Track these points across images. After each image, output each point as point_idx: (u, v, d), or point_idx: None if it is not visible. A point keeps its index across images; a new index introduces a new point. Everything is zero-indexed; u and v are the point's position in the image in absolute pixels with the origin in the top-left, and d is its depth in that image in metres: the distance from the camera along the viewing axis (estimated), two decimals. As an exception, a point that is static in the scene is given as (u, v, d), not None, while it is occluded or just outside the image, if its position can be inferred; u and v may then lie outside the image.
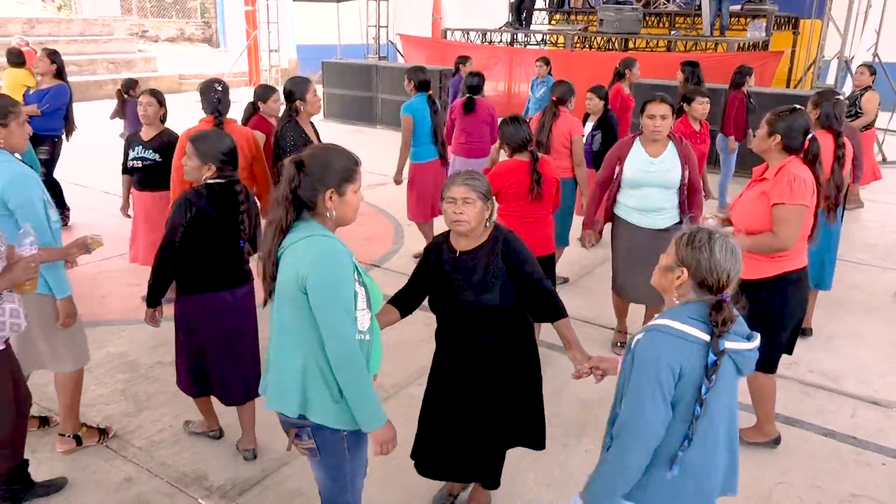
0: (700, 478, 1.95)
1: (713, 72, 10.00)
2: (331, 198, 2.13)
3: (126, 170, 4.93)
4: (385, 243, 6.79)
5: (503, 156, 4.24)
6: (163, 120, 4.82)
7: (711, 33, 13.17)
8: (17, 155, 3.13)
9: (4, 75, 8.48)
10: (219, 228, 3.10)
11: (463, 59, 8.81)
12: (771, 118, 3.25)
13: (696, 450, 1.90)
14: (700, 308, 1.90)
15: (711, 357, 1.83)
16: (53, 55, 6.72)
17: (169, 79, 18.05)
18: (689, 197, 4.18)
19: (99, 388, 4.01)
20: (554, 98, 5.30)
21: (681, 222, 4.09)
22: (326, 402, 2.16)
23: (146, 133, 4.78)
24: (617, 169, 4.21)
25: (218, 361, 3.24)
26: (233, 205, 3.12)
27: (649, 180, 4.13)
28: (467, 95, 6.38)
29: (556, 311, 2.78)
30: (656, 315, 2.05)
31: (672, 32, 14.20)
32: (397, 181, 6.07)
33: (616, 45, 13.64)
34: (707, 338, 1.85)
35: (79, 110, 7.49)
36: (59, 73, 6.73)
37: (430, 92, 5.92)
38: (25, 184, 2.97)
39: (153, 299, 3.18)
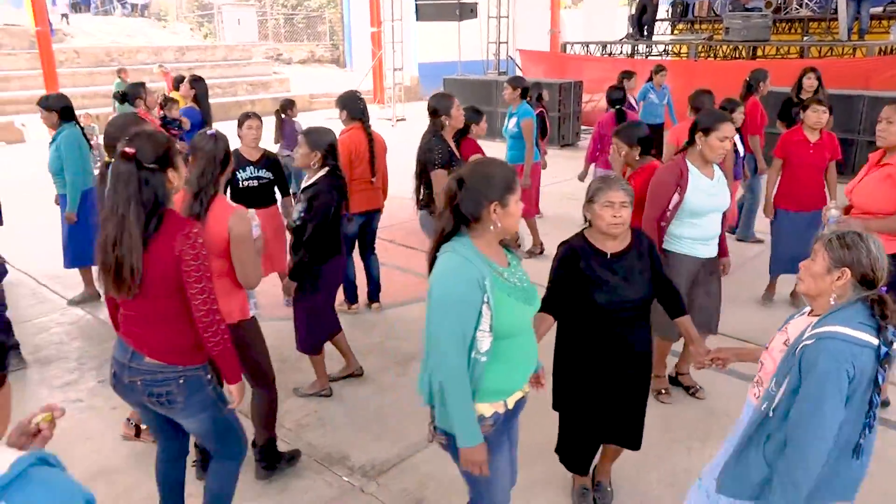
0: (869, 457, 2.11)
1: (851, 78, 9.53)
2: (495, 210, 2.16)
3: (235, 191, 4.97)
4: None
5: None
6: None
7: (849, 37, 12.50)
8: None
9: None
10: (339, 206, 3.83)
11: (628, 74, 8.31)
12: None
13: (872, 435, 2.05)
14: (863, 310, 2.00)
15: (884, 349, 1.94)
16: (194, 82, 7.41)
17: (301, 98, 19.22)
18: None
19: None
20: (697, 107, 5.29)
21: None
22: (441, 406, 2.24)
23: (251, 154, 5.00)
24: (676, 199, 3.65)
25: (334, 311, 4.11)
26: (344, 187, 3.88)
27: (714, 205, 3.73)
28: (617, 108, 6.73)
29: (681, 308, 3.05)
30: (817, 318, 2.09)
31: (805, 38, 13.59)
32: (525, 185, 6.34)
33: (743, 53, 13.23)
34: (876, 341, 1.95)
35: (222, 129, 8.22)
36: (195, 98, 7.40)
37: (529, 98, 6.69)
38: None
39: (298, 273, 3.79)
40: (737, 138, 5.71)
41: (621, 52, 15.13)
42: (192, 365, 2.51)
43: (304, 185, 3.90)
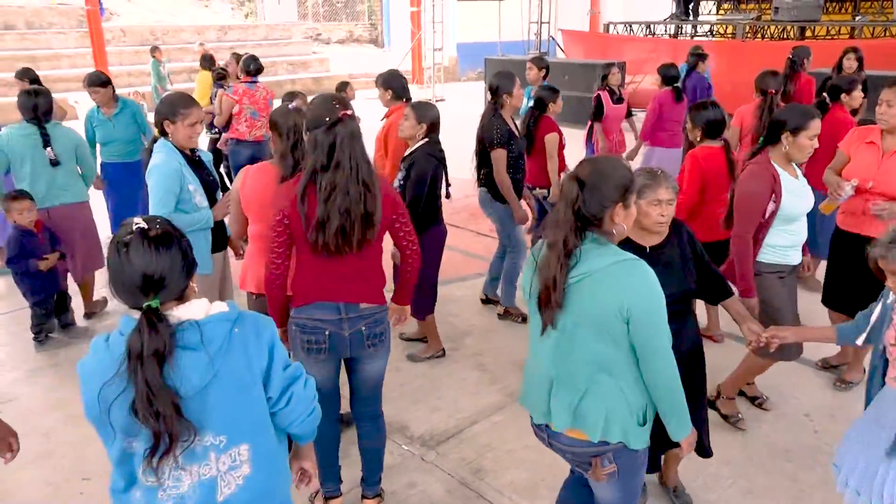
0: None
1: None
2: (618, 212, 2.05)
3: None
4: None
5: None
6: None
7: (904, 17, 12.14)
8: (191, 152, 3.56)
9: (197, 77, 9.48)
10: (437, 175, 4.03)
11: (702, 56, 8.05)
12: None
13: None
14: None
15: None
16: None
17: (339, 78, 19.34)
18: None
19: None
20: (773, 91, 5.13)
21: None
22: (629, 426, 2.11)
23: None
24: (771, 207, 3.28)
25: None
26: (443, 157, 4.06)
27: (806, 206, 3.42)
28: (674, 86, 6.62)
29: (727, 290, 2.94)
30: None
31: (857, 18, 13.22)
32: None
33: (792, 33, 12.94)
34: None
35: None
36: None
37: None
38: (158, 177, 3.35)
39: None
40: None
41: (665, 33, 14.88)
42: (386, 303, 2.81)
43: (404, 154, 4.08)
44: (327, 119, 2.47)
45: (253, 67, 6.83)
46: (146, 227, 1.65)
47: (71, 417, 3.83)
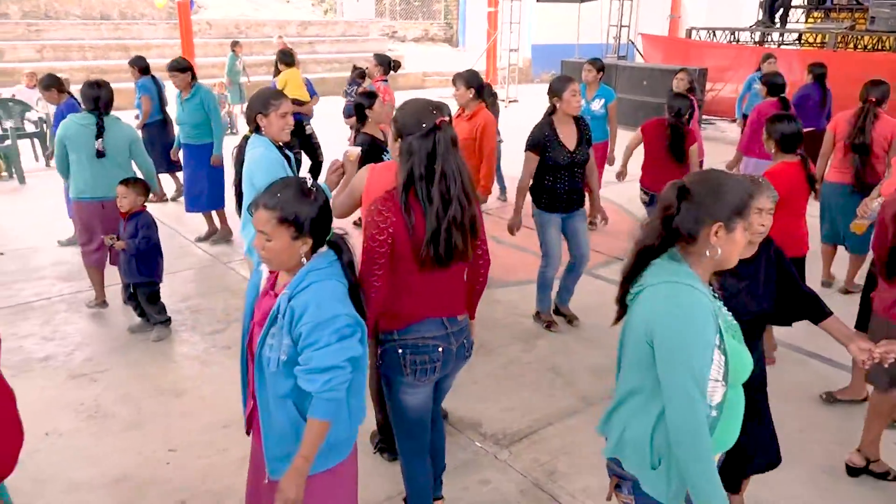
0: None
1: None
2: (717, 233, 1.81)
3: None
4: (627, 238, 6.90)
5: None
6: None
7: None
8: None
9: (287, 74, 9.46)
10: None
11: (820, 67, 7.85)
12: None
13: None
14: None
15: None
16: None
17: (414, 76, 19.54)
18: None
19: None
20: (873, 99, 5.03)
21: None
22: (643, 461, 1.92)
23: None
24: None
25: None
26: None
27: None
28: (781, 95, 6.36)
29: (823, 310, 2.65)
30: None
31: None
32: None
33: (888, 44, 12.34)
34: None
35: (339, 104, 8.49)
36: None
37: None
38: (267, 167, 3.39)
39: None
40: None
41: (751, 40, 14.43)
42: None
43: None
44: (424, 125, 2.38)
45: (392, 65, 7.10)
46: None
47: (158, 390, 4.01)
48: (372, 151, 4.13)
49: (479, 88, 5.08)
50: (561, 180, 4.51)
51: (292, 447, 2.05)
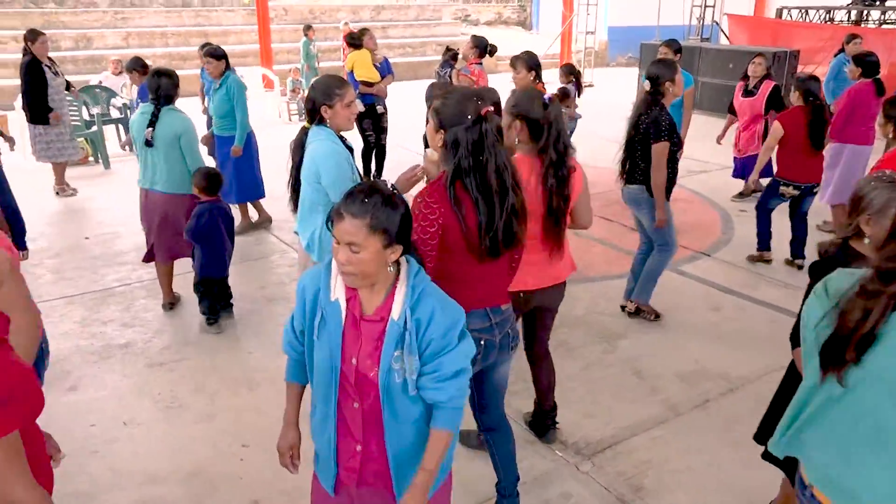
0: None
1: None
2: None
3: None
4: (713, 231, 6.53)
5: None
6: None
7: None
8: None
9: (355, 57, 9.31)
10: None
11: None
12: None
13: None
14: None
15: None
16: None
17: (487, 60, 19.20)
18: None
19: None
20: None
21: None
22: None
23: None
24: None
25: None
26: None
27: None
28: (876, 77, 5.97)
29: None
30: None
31: None
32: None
33: None
34: None
35: (411, 88, 8.33)
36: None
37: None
38: (337, 161, 3.23)
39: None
40: None
41: (848, 20, 13.52)
42: None
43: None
44: (469, 116, 2.33)
45: (489, 50, 6.93)
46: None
47: (232, 381, 3.99)
48: None
49: (538, 70, 5.18)
50: (674, 166, 4.41)
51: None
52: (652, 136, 4.24)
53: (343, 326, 1.89)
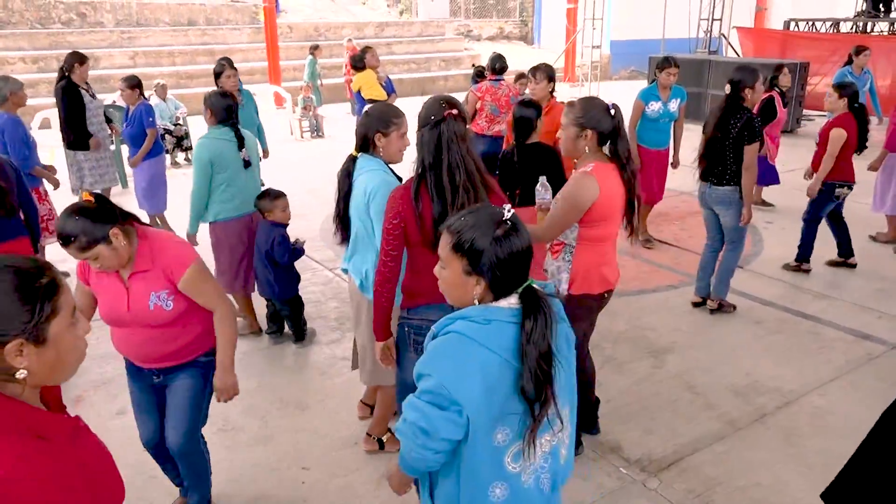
0: None
1: None
2: None
3: None
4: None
5: None
6: None
7: None
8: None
9: (361, 78, 9.19)
10: None
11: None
12: None
13: None
14: None
15: None
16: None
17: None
18: None
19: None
20: None
21: None
22: None
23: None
24: None
25: None
26: None
27: None
28: None
29: None
30: None
31: None
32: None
33: None
34: None
35: (418, 105, 8.33)
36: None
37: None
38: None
39: None
40: None
41: (855, 30, 13.62)
42: None
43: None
44: (433, 118, 2.53)
45: (498, 66, 6.86)
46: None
47: (282, 403, 3.94)
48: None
49: (554, 81, 5.46)
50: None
51: None
52: (746, 139, 4.46)
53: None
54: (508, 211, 1.68)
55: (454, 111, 2.55)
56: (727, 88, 4.55)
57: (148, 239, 2.51)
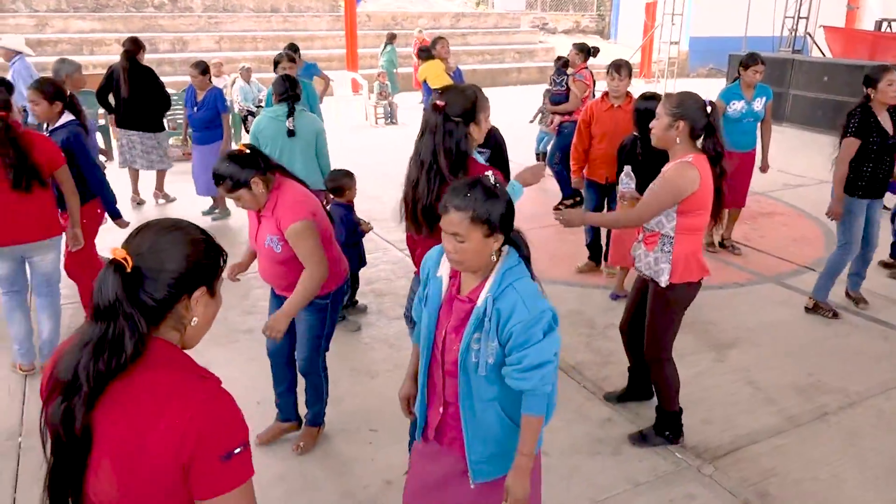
0: None
1: None
2: None
3: None
4: (816, 246, 6.41)
5: None
6: None
7: None
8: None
9: (428, 68, 9.28)
10: None
11: None
12: None
13: None
14: None
15: None
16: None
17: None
18: None
19: (566, 337, 4.59)
20: None
21: None
22: None
23: None
24: None
25: None
26: None
27: None
28: None
29: None
30: None
31: None
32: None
33: None
34: None
35: (490, 95, 8.44)
36: None
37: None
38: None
39: None
40: None
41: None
42: None
43: None
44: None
45: (592, 49, 7.08)
46: None
47: (353, 371, 4.17)
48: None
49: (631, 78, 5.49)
50: (881, 167, 4.64)
51: (495, 449, 2.09)
52: (845, 131, 4.58)
53: (441, 301, 2.11)
54: (491, 176, 2.02)
55: (440, 103, 2.63)
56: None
57: (278, 190, 2.92)
